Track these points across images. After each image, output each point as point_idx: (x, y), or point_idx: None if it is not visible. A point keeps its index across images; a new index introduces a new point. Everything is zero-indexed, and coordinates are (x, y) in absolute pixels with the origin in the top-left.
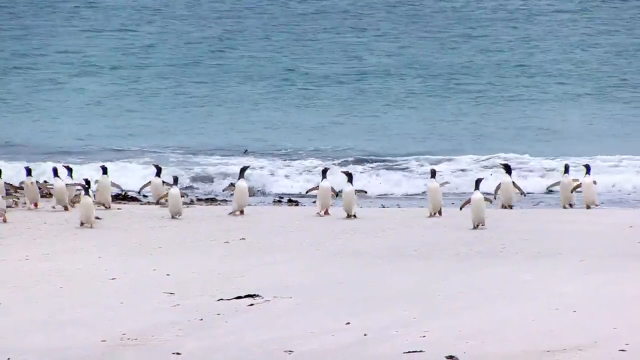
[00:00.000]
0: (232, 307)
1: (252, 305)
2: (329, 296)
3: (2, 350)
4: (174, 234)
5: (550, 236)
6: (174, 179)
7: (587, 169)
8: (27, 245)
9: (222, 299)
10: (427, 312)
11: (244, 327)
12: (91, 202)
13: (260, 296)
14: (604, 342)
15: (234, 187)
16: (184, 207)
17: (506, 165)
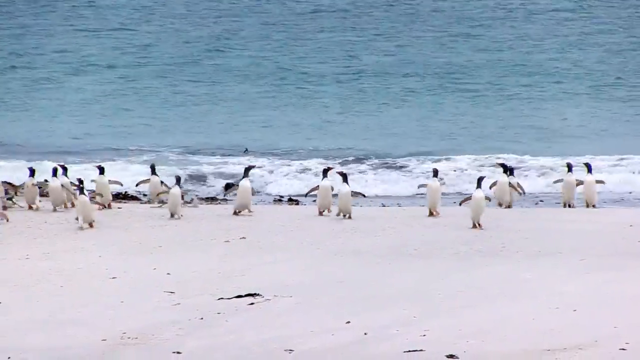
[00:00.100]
0: (232, 306)
1: (252, 304)
2: (329, 295)
3: (2, 349)
4: (175, 233)
5: (550, 235)
6: (176, 179)
7: (588, 167)
8: (27, 244)
9: (222, 298)
10: (427, 311)
11: (245, 326)
12: (88, 201)
13: (260, 295)
14: (604, 341)
15: (233, 187)
16: (185, 206)
17: (503, 164)
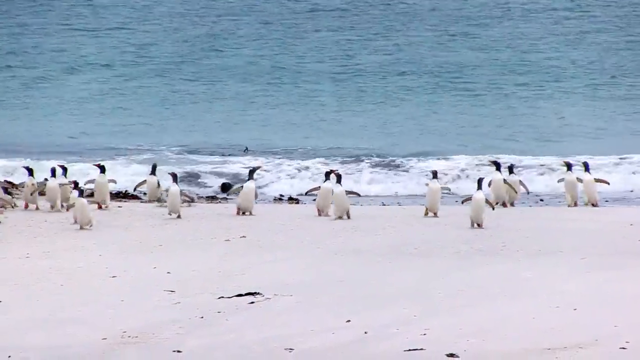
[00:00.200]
0: (232, 305)
1: (252, 303)
2: (329, 294)
3: (2, 348)
4: (175, 231)
5: (550, 234)
6: (173, 177)
7: (586, 166)
8: (27, 243)
9: (222, 297)
10: (427, 310)
11: (245, 325)
12: (86, 203)
13: (260, 294)
14: (605, 340)
15: (231, 187)
16: (185, 205)
17: (496, 162)
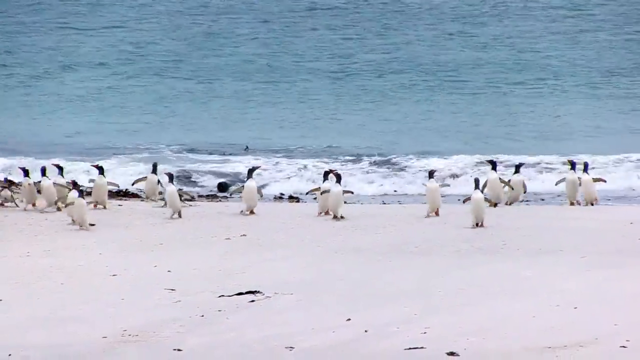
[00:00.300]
0: (233, 303)
1: (253, 301)
2: (329, 292)
3: (3, 346)
4: (175, 230)
5: (551, 233)
6: (169, 177)
7: (585, 166)
8: (28, 241)
9: (223, 296)
10: (428, 309)
11: (245, 324)
12: (84, 203)
13: (261, 292)
14: (605, 338)
15: (229, 187)
16: (186, 205)
17: (492, 161)
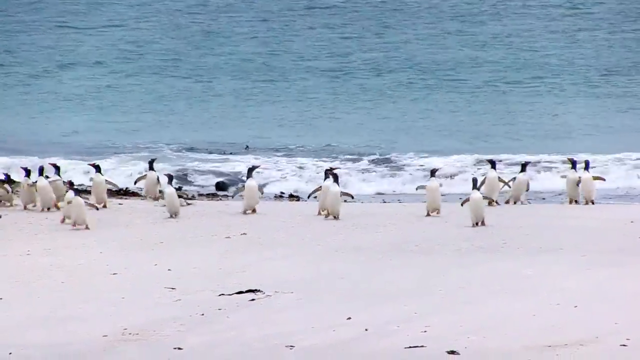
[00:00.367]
0: (233, 302)
1: (253, 300)
2: (330, 291)
3: (3, 345)
4: (175, 229)
5: (551, 231)
6: (168, 178)
7: (586, 164)
8: (28, 240)
9: (223, 294)
10: (428, 308)
11: (245, 322)
12: (82, 202)
13: (261, 291)
14: (605, 337)
15: (227, 186)
16: (184, 205)
17: (491, 160)
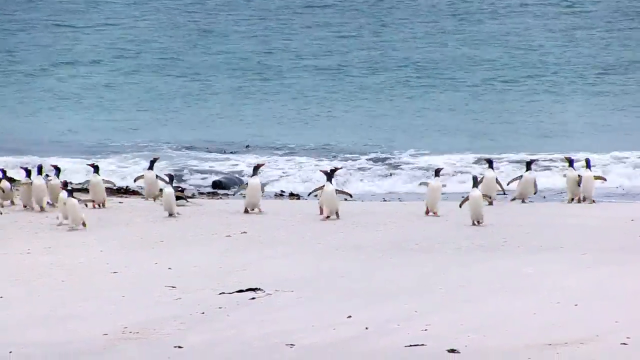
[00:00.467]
0: (233, 300)
1: (253, 298)
2: (330, 290)
3: (3, 344)
4: (176, 227)
5: (551, 230)
6: (169, 178)
7: (587, 162)
8: (28, 239)
9: (223, 293)
10: (428, 306)
11: (246, 321)
12: (77, 203)
13: (261, 290)
14: (606, 335)
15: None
16: (185, 204)
17: (489, 159)
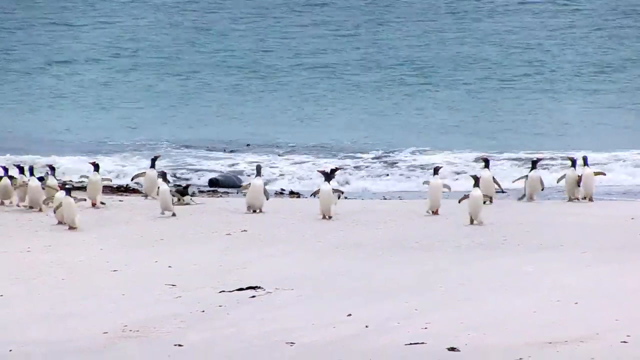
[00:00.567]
0: (233, 299)
1: (253, 297)
2: (330, 288)
3: (4, 342)
4: (176, 226)
5: (551, 228)
6: (162, 175)
7: (584, 160)
8: (28, 237)
9: (223, 291)
10: (428, 304)
11: (246, 319)
12: (73, 202)
13: (261, 288)
14: (606, 333)
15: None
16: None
17: (485, 159)
